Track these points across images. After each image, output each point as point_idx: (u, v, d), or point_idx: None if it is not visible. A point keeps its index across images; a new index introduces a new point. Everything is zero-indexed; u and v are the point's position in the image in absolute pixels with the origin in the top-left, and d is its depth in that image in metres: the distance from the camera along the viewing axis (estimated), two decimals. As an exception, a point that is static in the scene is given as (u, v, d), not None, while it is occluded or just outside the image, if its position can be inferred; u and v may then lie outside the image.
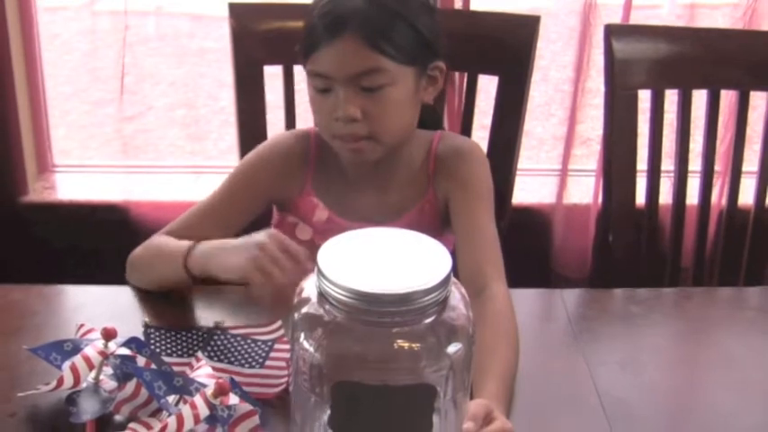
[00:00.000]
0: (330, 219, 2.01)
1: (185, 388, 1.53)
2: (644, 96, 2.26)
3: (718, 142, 2.36)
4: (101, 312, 1.84)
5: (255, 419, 1.54)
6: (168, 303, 1.89)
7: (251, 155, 2.07)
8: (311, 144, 2.04)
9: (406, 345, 1.39)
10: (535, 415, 1.65)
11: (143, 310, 1.86)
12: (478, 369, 1.57)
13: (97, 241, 2.88)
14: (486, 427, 1.44)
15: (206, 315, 1.83)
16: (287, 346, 1.71)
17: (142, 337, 1.70)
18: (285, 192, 2.05)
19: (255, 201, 2.04)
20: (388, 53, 1.84)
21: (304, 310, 1.42)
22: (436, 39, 1.92)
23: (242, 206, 2.02)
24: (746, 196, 2.37)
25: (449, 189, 2.00)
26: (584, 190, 3.02)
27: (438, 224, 2.01)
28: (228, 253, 1.80)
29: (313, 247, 1.96)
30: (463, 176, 2.00)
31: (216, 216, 1.99)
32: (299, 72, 2.07)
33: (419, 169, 2.03)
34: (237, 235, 1.90)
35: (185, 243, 1.88)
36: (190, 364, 1.64)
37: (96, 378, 1.58)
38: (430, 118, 2.05)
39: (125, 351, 1.60)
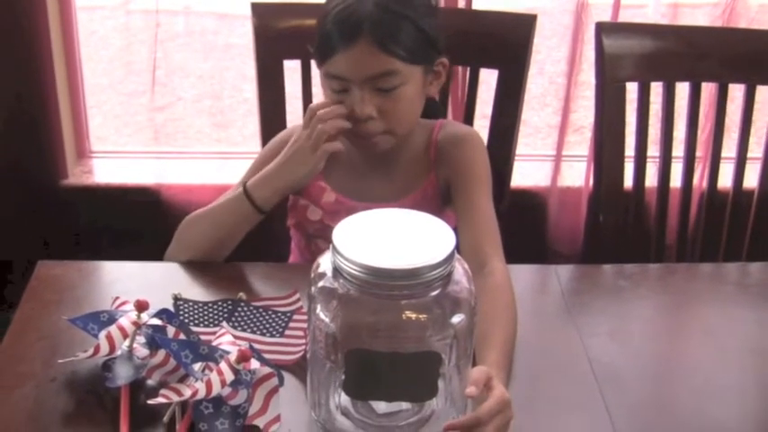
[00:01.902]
0: (338, 200, 2.01)
1: (210, 355, 1.53)
2: (631, 88, 2.25)
3: (699, 130, 2.35)
4: (134, 286, 1.84)
5: (274, 381, 1.54)
6: (196, 278, 1.89)
7: (268, 145, 2.08)
8: None
9: (413, 315, 1.39)
10: (532, 380, 1.65)
11: (173, 283, 1.86)
12: (480, 338, 1.58)
13: (131, 221, 2.88)
14: (486, 393, 1.44)
15: (230, 289, 1.83)
16: (304, 317, 1.71)
17: (172, 309, 1.70)
18: None
19: None
20: (400, 55, 1.83)
21: (320, 283, 1.42)
22: (439, 37, 1.91)
23: None
24: (725, 180, 2.37)
25: (449, 174, 2.00)
26: (577, 174, 3.01)
27: (439, 204, 2.01)
28: (288, 167, 1.91)
29: (323, 227, 1.99)
30: (463, 162, 1.99)
31: None
32: (315, 66, 2.07)
33: (422, 155, 2.02)
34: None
35: (234, 191, 1.95)
36: (215, 334, 1.65)
37: (130, 346, 1.58)
38: (430, 108, 2.04)
39: (156, 321, 1.60)
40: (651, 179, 2.36)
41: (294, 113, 2.30)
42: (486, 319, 1.63)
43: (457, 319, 1.40)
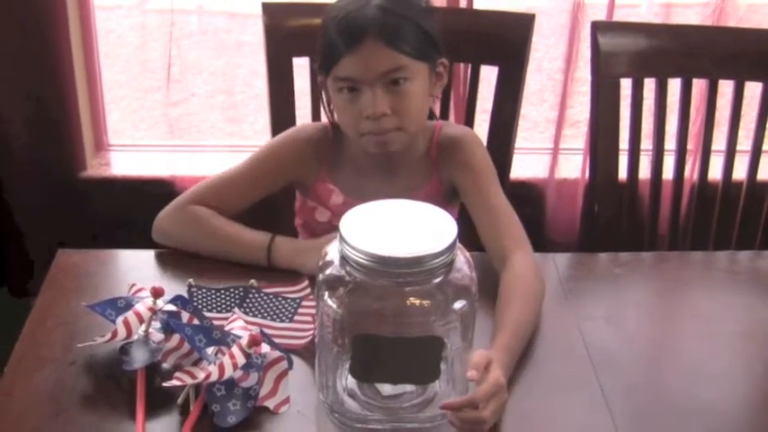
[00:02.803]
0: (345, 202, 1.99)
1: (223, 340, 1.53)
2: (626, 84, 2.25)
3: (690, 124, 2.35)
4: (150, 273, 1.85)
5: (284, 364, 1.55)
6: (209, 265, 1.89)
7: (277, 138, 2.06)
8: (329, 136, 2.03)
9: (417, 302, 1.39)
10: (530, 363, 1.65)
11: (187, 271, 1.86)
12: (495, 324, 1.64)
13: (146, 211, 2.86)
14: (485, 376, 1.44)
15: (242, 276, 1.83)
16: (313, 303, 1.71)
17: (186, 295, 1.70)
18: (302, 175, 2.03)
19: (275, 178, 2.03)
20: (405, 51, 1.82)
21: (328, 271, 1.42)
22: (438, 38, 1.90)
23: (263, 182, 2.00)
24: (715, 172, 2.36)
25: (453, 174, 1.99)
26: (573, 166, 3.00)
27: (442, 202, 2.00)
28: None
29: (331, 228, 1.98)
30: (466, 162, 1.98)
31: (240, 186, 1.98)
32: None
33: (424, 156, 2.01)
34: (255, 205, 1.92)
35: (260, 237, 1.90)
36: (227, 319, 1.65)
37: (146, 331, 1.59)
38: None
39: (171, 307, 1.60)
40: (644, 171, 2.36)
41: (303, 109, 2.30)
42: (500, 307, 1.67)
43: (459, 304, 1.41)
